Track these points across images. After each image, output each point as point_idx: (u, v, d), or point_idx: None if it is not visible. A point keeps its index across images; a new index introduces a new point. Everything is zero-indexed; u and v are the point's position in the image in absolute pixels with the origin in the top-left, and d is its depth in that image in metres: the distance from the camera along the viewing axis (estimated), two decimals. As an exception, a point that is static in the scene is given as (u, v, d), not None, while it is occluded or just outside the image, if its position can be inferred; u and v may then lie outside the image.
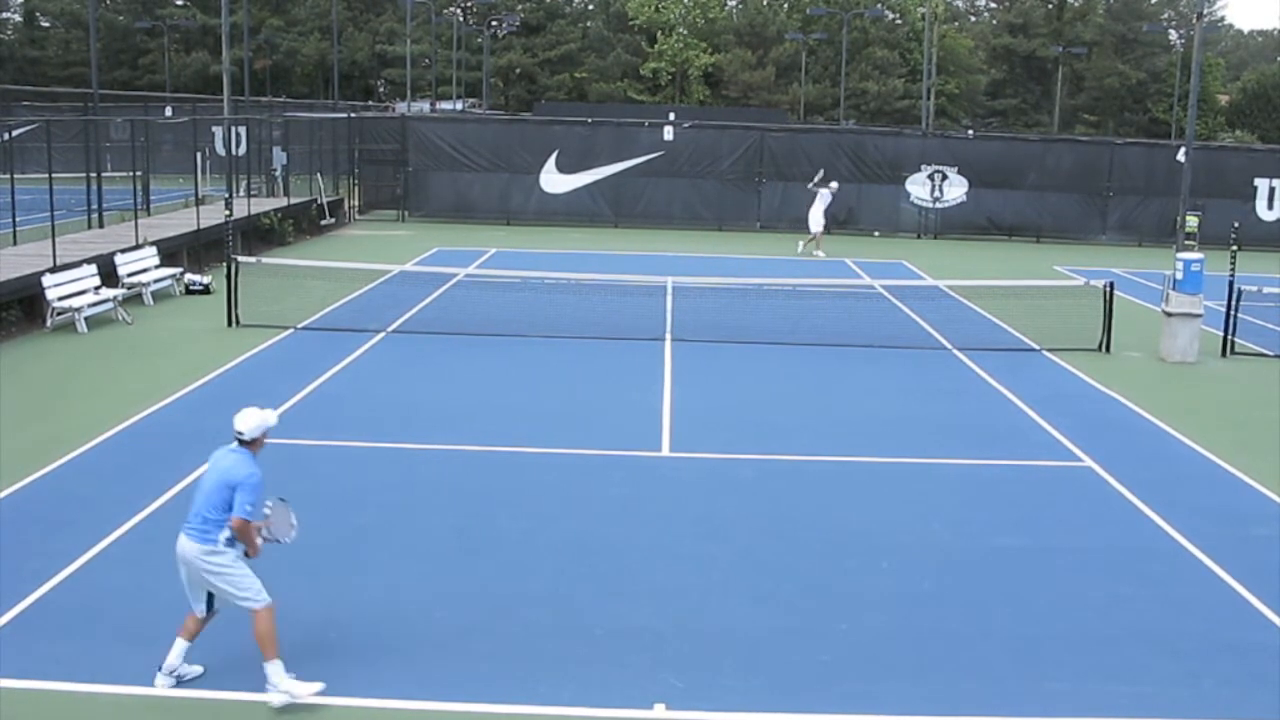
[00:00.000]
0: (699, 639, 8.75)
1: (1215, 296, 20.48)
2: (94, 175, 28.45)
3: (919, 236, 38.84)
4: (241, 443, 8.07)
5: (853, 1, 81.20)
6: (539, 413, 15.16)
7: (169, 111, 50.17)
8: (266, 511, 8.15)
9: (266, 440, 8.19)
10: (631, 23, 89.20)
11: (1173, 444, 14.60)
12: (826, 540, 10.92)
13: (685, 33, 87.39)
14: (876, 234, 38.32)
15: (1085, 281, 22.04)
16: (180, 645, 7.94)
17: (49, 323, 19.32)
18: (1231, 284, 20.11)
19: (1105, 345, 19.94)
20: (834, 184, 34.27)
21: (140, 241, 23.81)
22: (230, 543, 7.81)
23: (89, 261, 20.95)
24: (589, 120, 41.67)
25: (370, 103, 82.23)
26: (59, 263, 20.35)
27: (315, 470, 12.59)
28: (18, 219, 22.97)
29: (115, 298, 20.57)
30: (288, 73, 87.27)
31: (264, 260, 23.86)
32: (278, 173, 36.67)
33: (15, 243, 22.82)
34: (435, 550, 10.37)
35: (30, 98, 56.72)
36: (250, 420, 8.10)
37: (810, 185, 34.28)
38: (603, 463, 13.14)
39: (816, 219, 33.29)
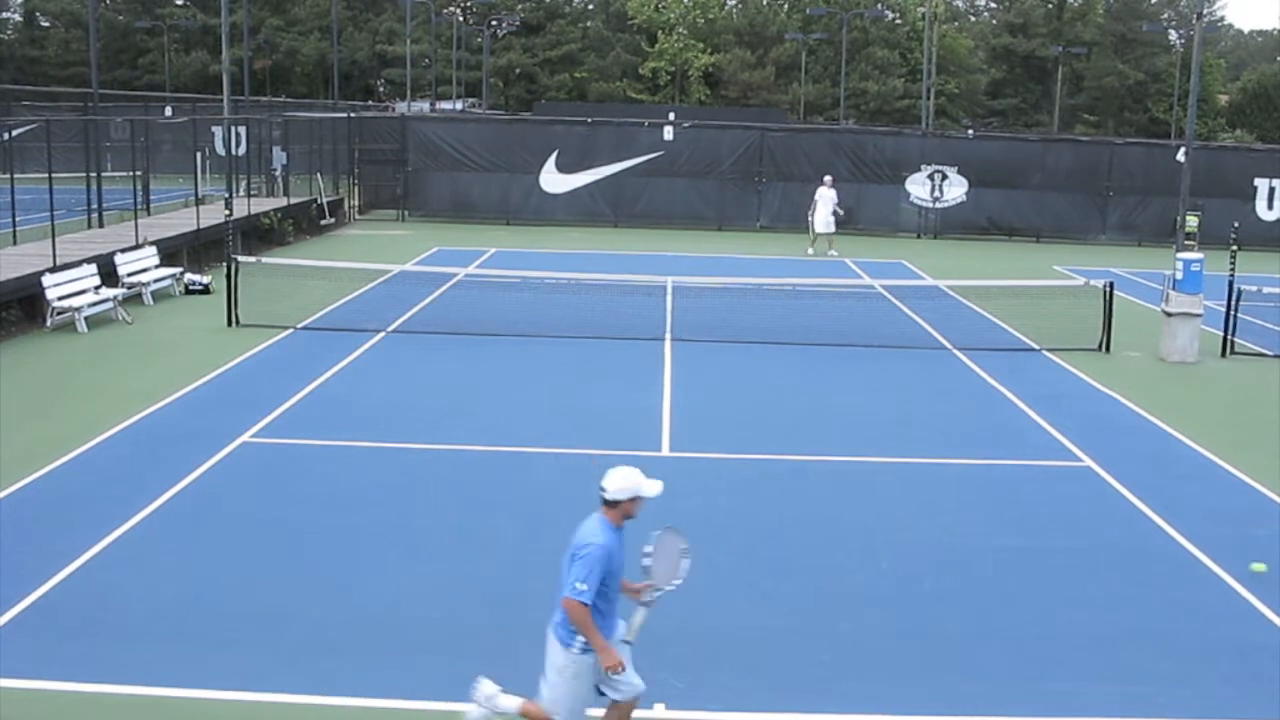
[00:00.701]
0: (699, 639, 8.76)
1: (1215, 296, 20.48)
2: (94, 175, 28.45)
3: (919, 236, 38.84)
4: (604, 503, 6.75)
5: (853, 1, 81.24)
6: (539, 412, 15.16)
7: (169, 111, 50.22)
8: (646, 562, 6.90)
9: (636, 511, 6.79)
10: (631, 22, 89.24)
11: (1172, 444, 14.60)
12: (826, 540, 10.92)
13: (685, 32, 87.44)
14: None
15: (1085, 281, 22.04)
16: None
17: (49, 322, 19.33)
18: (1231, 284, 20.11)
19: (1105, 345, 19.94)
20: (828, 177, 34.23)
21: (140, 241, 23.81)
22: (585, 648, 6.59)
23: (89, 261, 20.95)
24: (589, 120, 41.66)
25: (370, 102, 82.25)
26: (59, 262, 20.35)
27: (315, 470, 12.60)
28: (18, 219, 22.97)
29: (115, 297, 20.58)
30: (287, 72, 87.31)
31: (264, 260, 23.87)
32: (277, 172, 36.67)
33: (15, 242, 22.81)
34: (435, 549, 10.37)
35: (30, 97, 56.76)
36: (617, 479, 6.74)
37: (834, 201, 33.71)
38: (603, 462, 13.10)
39: (826, 219, 33.17)
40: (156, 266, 23.23)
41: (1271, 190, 39.06)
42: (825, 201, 33.14)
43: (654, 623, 9.01)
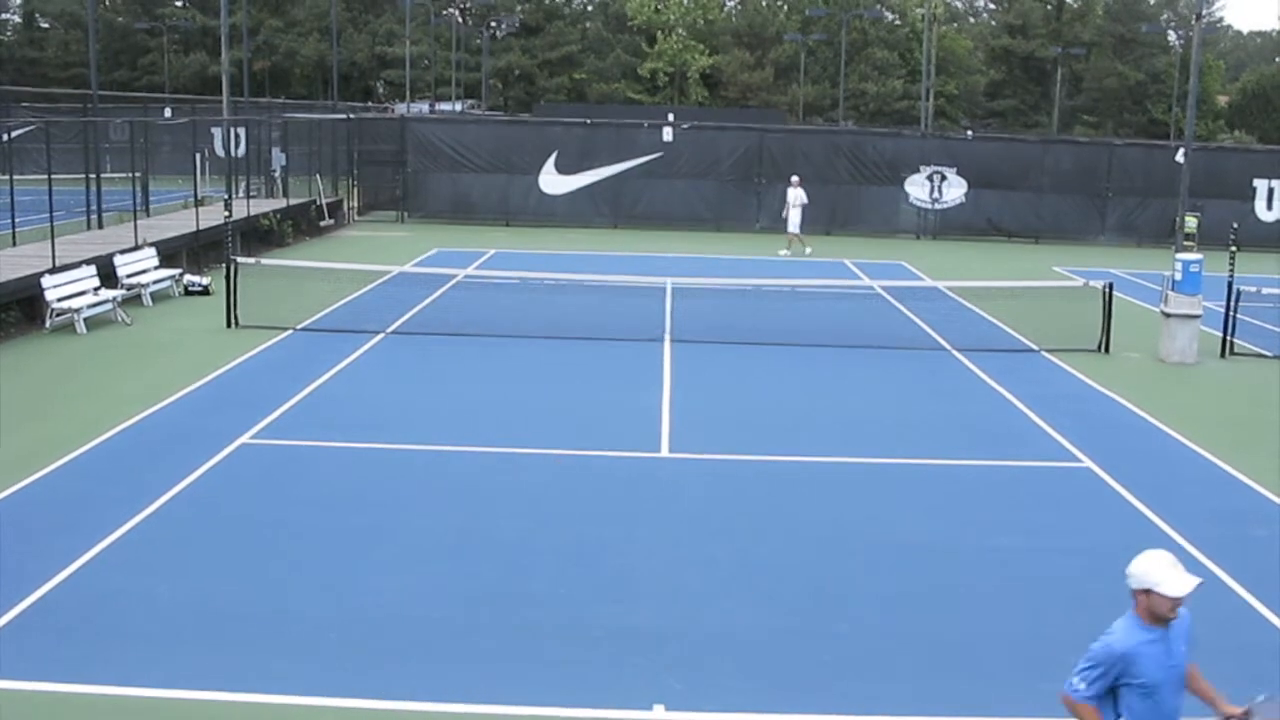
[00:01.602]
0: (698, 640, 8.75)
1: (1214, 297, 20.48)
2: (93, 176, 28.44)
3: (918, 237, 38.85)
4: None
5: (852, 2, 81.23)
6: (538, 413, 15.16)
7: (168, 112, 50.16)
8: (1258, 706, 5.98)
9: (1162, 610, 5.61)
10: (630, 23, 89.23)
11: (1171, 444, 14.60)
12: (826, 541, 10.92)
13: (684, 33, 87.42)
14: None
15: (1084, 282, 22.04)
16: None
17: (48, 324, 19.32)
18: (1230, 285, 20.11)
19: (1104, 346, 19.94)
20: (795, 177, 34.28)
21: (139, 242, 23.81)
22: None
23: (88, 262, 20.95)
24: (588, 121, 41.68)
25: (369, 104, 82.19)
26: (58, 264, 20.35)
27: (315, 471, 12.59)
28: (17, 220, 22.96)
29: (114, 299, 20.57)
30: (287, 74, 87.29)
31: (263, 261, 23.85)
32: (277, 174, 36.68)
33: (15, 244, 22.79)
34: (435, 551, 10.37)
35: (29, 99, 56.71)
36: (1134, 563, 5.78)
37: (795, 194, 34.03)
38: (602, 464, 13.14)
39: (796, 219, 33.28)
40: (156, 268, 23.23)
41: (1270, 191, 39.06)
42: (795, 201, 33.21)
43: (653, 623, 9.04)
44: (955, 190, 39.12)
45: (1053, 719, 7.80)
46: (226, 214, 22.57)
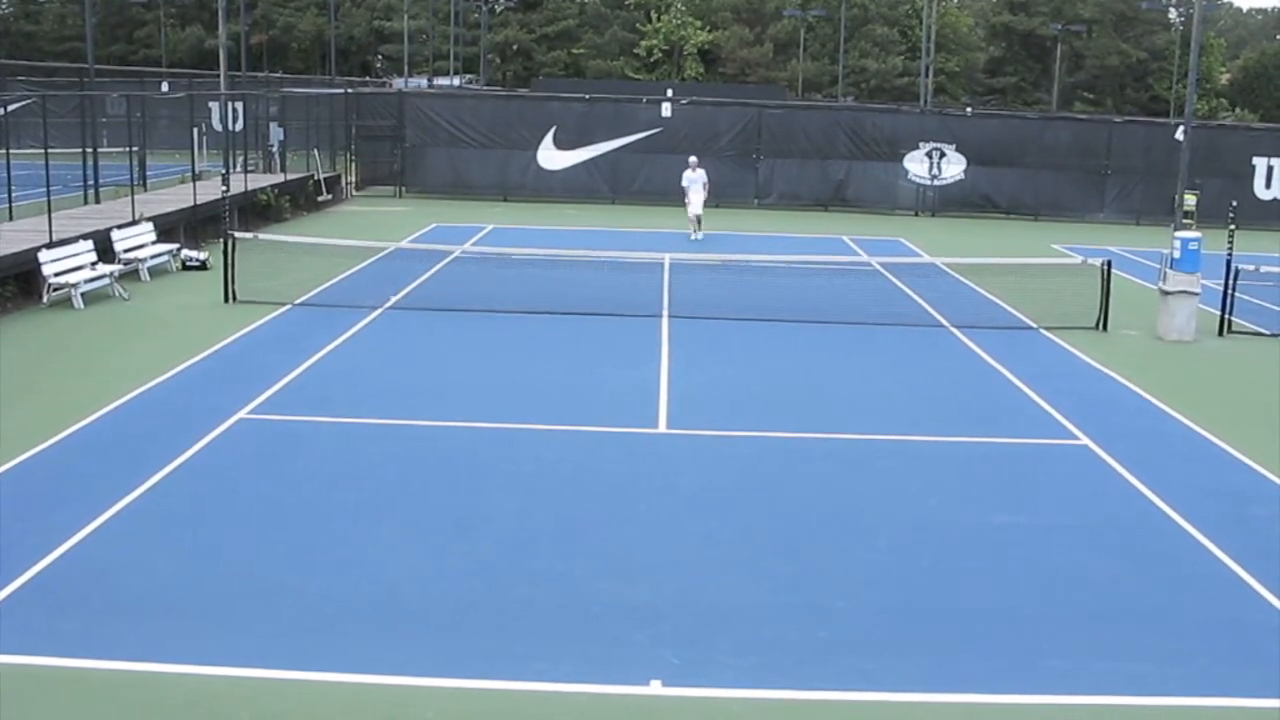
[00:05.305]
0: (696, 616, 8.76)
1: (1213, 275, 20.46)
2: (90, 151, 28.32)
3: (917, 214, 38.80)
4: None
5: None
6: (536, 389, 15.15)
7: (165, 86, 49.98)
8: None
9: None
10: (628, 1, 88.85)
11: (1169, 422, 14.61)
12: (824, 517, 10.93)
13: (683, 9, 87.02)
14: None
15: (1083, 260, 22.02)
16: None
17: (45, 299, 19.29)
18: (1229, 263, 20.09)
19: (1102, 323, 19.93)
20: (693, 158, 32.06)
21: (137, 217, 23.74)
22: None
23: (85, 237, 20.89)
24: (587, 96, 41.56)
25: (367, 79, 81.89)
26: (55, 238, 20.29)
27: (312, 447, 12.59)
28: (13, 194, 22.87)
29: (112, 274, 20.53)
30: (284, 48, 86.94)
31: (261, 236, 23.78)
32: (275, 149, 36.57)
33: (11, 218, 22.70)
34: (432, 527, 10.37)
35: (26, 72, 56.41)
36: None
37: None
38: (600, 439, 13.14)
39: (698, 201, 31.06)
40: (153, 243, 23.17)
41: (1270, 169, 38.98)
42: (695, 184, 30.94)
43: (650, 599, 9.05)
44: (954, 167, 39.07)
45: (1050, 695, 7.84)
46: (224, 189, 22.50)
